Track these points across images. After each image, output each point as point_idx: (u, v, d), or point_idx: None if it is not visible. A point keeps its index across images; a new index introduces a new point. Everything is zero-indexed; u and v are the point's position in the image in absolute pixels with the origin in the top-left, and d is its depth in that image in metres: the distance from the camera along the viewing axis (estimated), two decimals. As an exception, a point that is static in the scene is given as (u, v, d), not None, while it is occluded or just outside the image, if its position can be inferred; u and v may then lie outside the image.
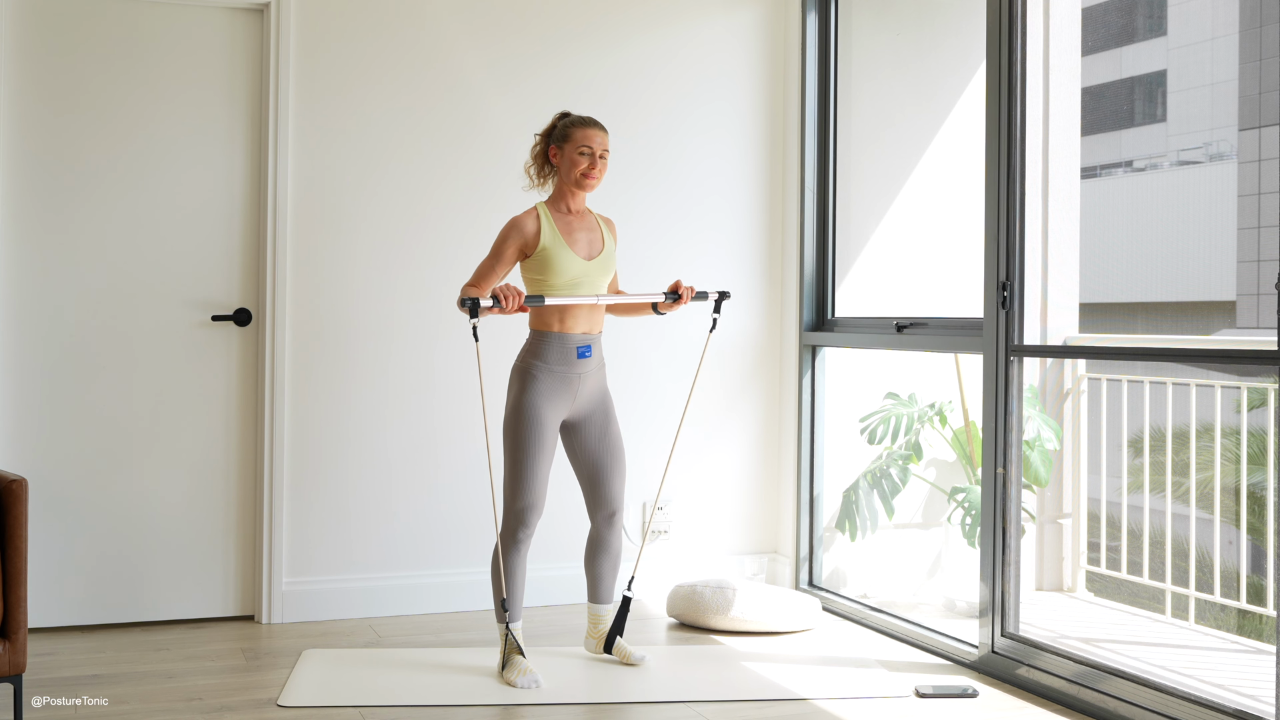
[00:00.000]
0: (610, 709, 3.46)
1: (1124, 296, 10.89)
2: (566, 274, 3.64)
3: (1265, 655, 3.89)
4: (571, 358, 3.67)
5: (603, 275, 3.73)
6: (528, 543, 3.68)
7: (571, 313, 3.67)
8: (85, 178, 4.21)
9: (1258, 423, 5.39)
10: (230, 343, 4.37)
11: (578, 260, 3.66)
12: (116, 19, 4.23)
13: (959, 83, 4.83)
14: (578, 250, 3.68)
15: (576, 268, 3.65)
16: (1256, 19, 10.06)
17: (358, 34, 4.44)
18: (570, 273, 3.64)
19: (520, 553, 3.66)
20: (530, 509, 3.64)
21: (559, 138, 3.73)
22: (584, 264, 3.67)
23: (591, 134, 3.70)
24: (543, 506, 3.68)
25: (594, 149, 3.69)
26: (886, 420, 4.67)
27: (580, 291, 3.68)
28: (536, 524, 3.68)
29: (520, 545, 3.66)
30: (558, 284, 3.64)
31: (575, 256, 3.66)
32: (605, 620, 3.87)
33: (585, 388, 3.72)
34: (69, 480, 4.19)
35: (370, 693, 3.53)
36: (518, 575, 3.66)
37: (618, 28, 4.75)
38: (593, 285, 3.71)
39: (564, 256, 3.64)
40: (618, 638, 3.84)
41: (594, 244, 3.73)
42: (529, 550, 3.73)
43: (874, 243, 4.87)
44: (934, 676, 3.76)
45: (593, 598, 3.88)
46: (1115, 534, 4.70)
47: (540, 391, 3.64)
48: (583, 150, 3.68)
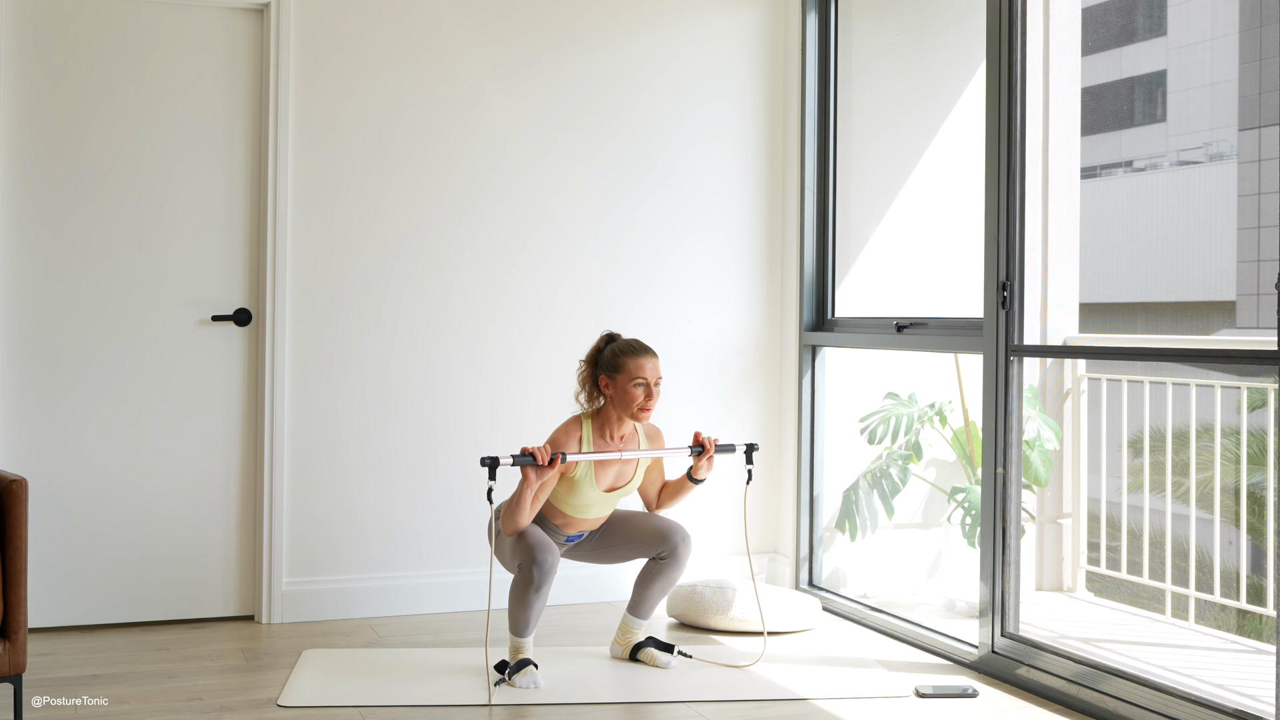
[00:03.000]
0: (610, 709, 3.46)
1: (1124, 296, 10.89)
2: (580, 501, 3.66)
3: (1265, 655, 3.89)
4: (560, 539, 3.75)
5: (616, 500, 3.73)
6: (547, 586, 3.56)
7: (574, 524, 3.71)
8: (85, 178, 4.21)
9: (1258, 423, 5.39)
10: (230, 343, 4.37)
11: (595, 491, 3.66)
12: (116, 19, 4.23)
13: (959, 83, 4.83)
14: (601, 483, 3.67)
15: (591, 496, 3.66)
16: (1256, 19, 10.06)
17: (358, 34, 4.44)
18: (584, 500, 3.66)
19: (540, 595, 3.57)
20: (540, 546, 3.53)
21: (608, 366, 3.64)
22: (599, 494, 3.67)
23: (644, 363, 3.61)
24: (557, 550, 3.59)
25: (648, 380, 3.61)
26: (886, 420, 4.67)
27: (589, 515, 3.69)
28: (552, 562, 3.54)
29: (540, 589, 3.55)
30: (570, 504, 3.66)
31: (595, 489, 3.65)
32: (635, 633, 3.87)
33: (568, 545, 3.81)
34: (69, 480, 4.19)
35: (370, 693, 3.52)
36: (534, 608, 3.61)
37: (618, 27, 4.75)
38: (603, 509, 3.72)
39: (586, 490, 3.64)
40: (648, 645, 3.85)
41: (622, 476, 3.71)
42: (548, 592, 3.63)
43: (874, 243, 4.86)
44: (934, 676, 3.76)
45: (633, 611, 3.86)
46: (1115, 534, 4.70)
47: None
48: (638, 383, 3.60)
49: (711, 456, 3.70)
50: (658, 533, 3.76)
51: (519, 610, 3.60)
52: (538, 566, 3.52)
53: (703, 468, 3.72)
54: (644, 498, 3.88)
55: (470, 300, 4.56)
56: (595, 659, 3.89)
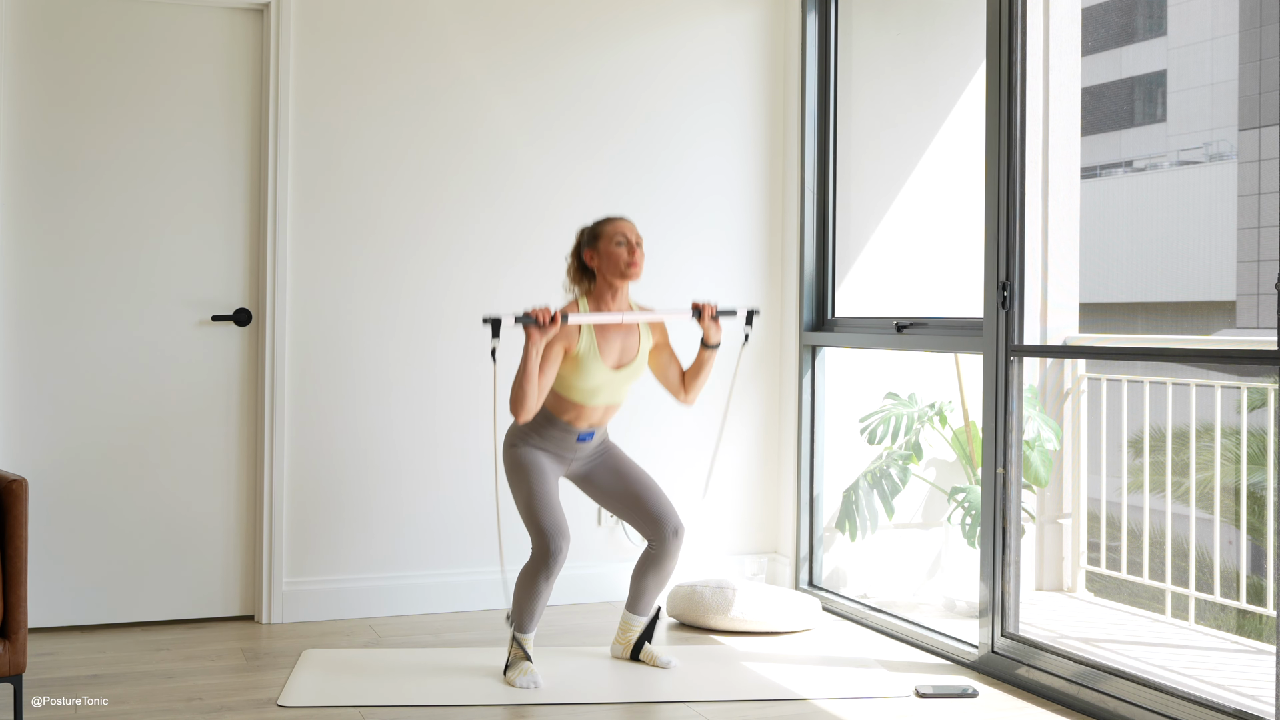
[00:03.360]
0: (610, 709, 3.46)
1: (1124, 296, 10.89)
2: (589, 382, 3.63)
3: (1265, 655, 3.89)
4: (571, 442, 3.71)
5: (627, 382, 3.71)
6: (558, 572, 3.61)
7: (584, 415, 3.67)
8: (85, 177, 4.21)
9: (1258, 423, 5.39)
10: (230, 343, 4.37)
11: (604, 370, 3.64)
12: (116, 19, 4.23)
13: (959, 83, 4.83)
14: (607, 359, 3.65)
15: (601, 377, 3.64)
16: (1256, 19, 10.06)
17: (358, 34, 4.44)
18: (593, 381, 3.63)
19: (549, 581, 3.61)
20: (556, 533, 3.58)
21: (589, 241, 3.69)
22: (609, 373, 3.65)
23: (621, 225, 3.67)
24: (569, 532, 3.63)
25: (629, 237, 3.66)
26: (886, 420, 4.67)
27: (598, 400, 3.66)
28: (567, 549, 3.60)
29: (553, 574, 3.59)
30: (578, 388, 3.63)
31: (603, 366, 3.63)
32: (636, 630, 3.87)
33: (579, 457, 3.76)
34: (69, 480, 4.19)
35: (370, 693, 3.52)
36: (543, 598, 3.63)
37: (618, 28, 4.75)
38: (614, 391, 3.69)
39: (593, 366, 3.62)
40: (646, 644, 3.85)
41: (627, 352, 3.70)
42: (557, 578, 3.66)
43: (874, 243, 4.87)
44: (934, 676, 3.76)
45: (631, 608, 3.86)
46: (1115, 534, 4.70)
47: (535, 447, 3.66)
48: (619, 241, 3.65)
49: (714, 318, 3.71)
50: (654, 517, 3.76)
51: (525, 598, 3.60)
52: (551, 555, 3.55)
53: (712, 330, 3.72)
54: (668, 384, 3.82)
55: (470, 300, 4.56)
56: (595, 659, 3.89)
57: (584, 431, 3.70)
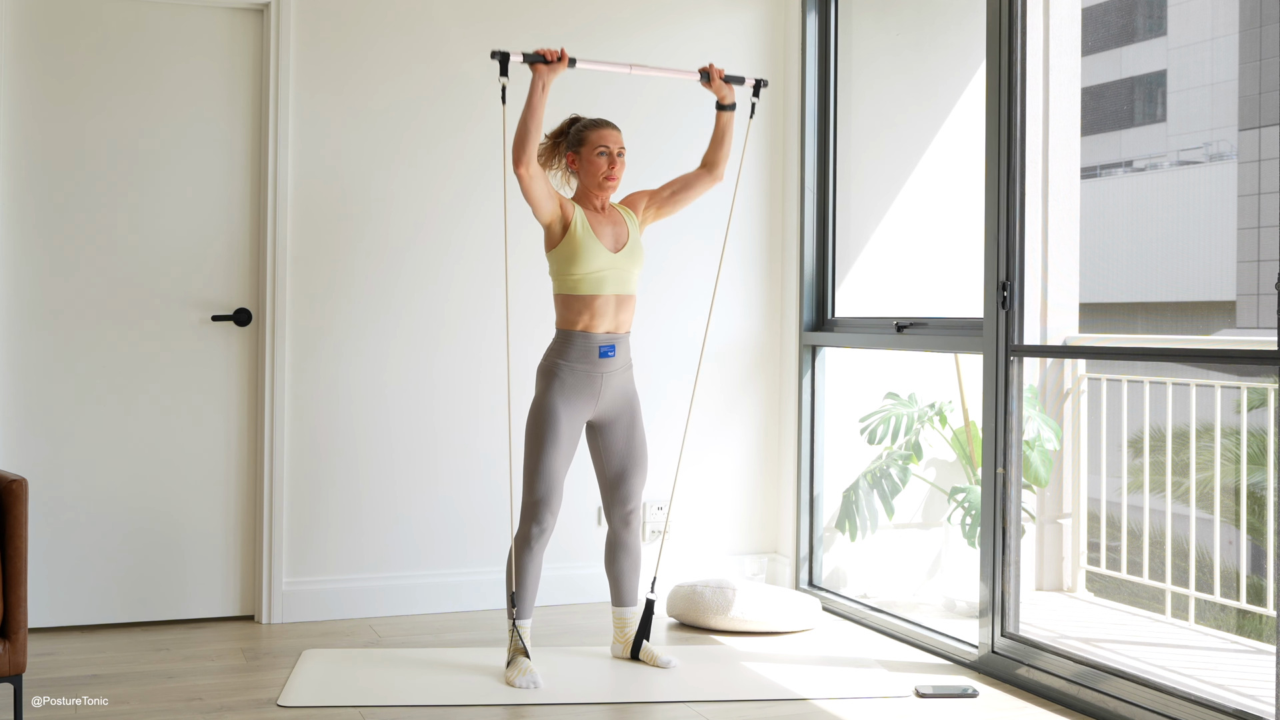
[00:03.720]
0: (610, 709, 3.46)
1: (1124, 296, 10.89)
2: (593, 265, 3.65)
3: (1265, 655, 3.89)
4: (594, 357, 3.68)
5: (631, 265, 3.73)
6: (542, 542, 3.66)
7: (598, 311, 3.66)
8: (85, 177, 4.21)
9: (1258, 423, 5.39)
10: (230, 343, 4.37)
11: (605, 252, 3.67)
12: (116, 19, 4.23)
13: (959, 83, 4.83)
14: (604, 242, 3.69)
15: (603, 259, 3.66)
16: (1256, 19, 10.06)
17: (358, 34, 4.44)
18: (597, 264, 3.65)
19: (534, 552, 3.65)
20: (544, 504, 3.63)
21: (573, 143, 3.76)
22: (611, 256, 3.68)
23: (606, 134, 3.72)
24: (558, 505, 3.66)
25: (610, 148, 3.71)
26: (886, 420, 4.67)
27: (606, 289, 3.68)
28: (552, 523, 3.66)
29: (534, 544, 3.65)
30: (583, 274, 3.65)
31: (602, 248, 3.66)
32: (630, 624, 3.87)
33: (610, 388, 3.72)
34: (69, 480, 4.19)
35: (370, 693, 3.52)
36: (530, 574, 3.65)
37: (618, 27, 4.75)
38: (620, 277, 3.70)
39: (592, 248, 3.65)
40: (644, 641, 3.84)
41: (620, 236, 3.74)
42: (544, 552, 3.70)
43: (874, 243, 4.86)
44: (934, 676, 3.76)
45: (615, 601, 3.87)
46: (1115, 534, 4.70)
47: (562, 390, 3.66)
48: (600, 151, 3.71)
49: (724, 79, 3.82)
50: (619, 496, 3.78)
51: (519, 574, 3.62)
52: (537, 524, 3.61)
53: (724, 92, 3.83)
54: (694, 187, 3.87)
55: (470, 300, 4.56)
56: (595, 659, 3.89)
57: (605, 343, 3.68)
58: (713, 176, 3.88)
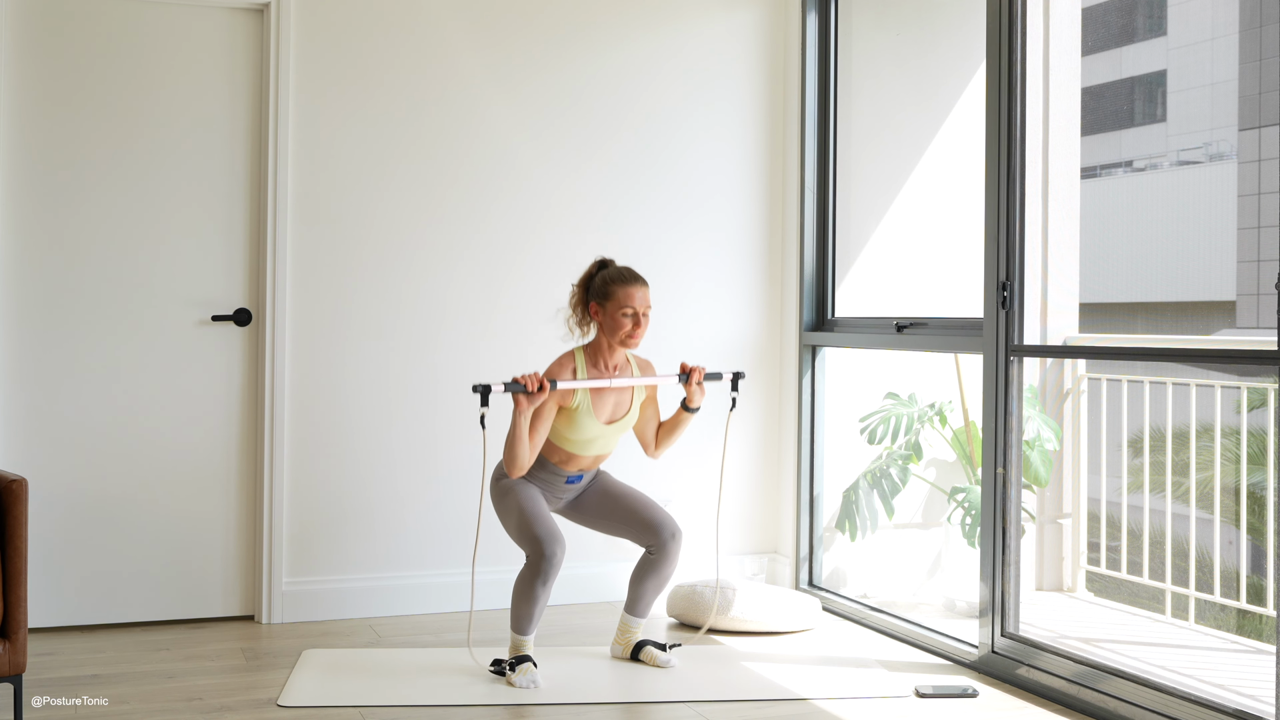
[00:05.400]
0: (610, 709, 3.46)
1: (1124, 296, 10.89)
2: (583, 434, 3.66)
3: (1265, 655, 3.89)
4: (559, 483, 3.74)
5: (620, 433, 3.74)
6: (555, 577, 3.59)
7: (575, 461, 3.71)
8: (85, 177, 4.21)
9: (1258, 423, 5.39)
10: (230, 343, 4.37)
11: (597, 424, 3.66)
12: (116, 19, 4.23)
13: (959, 83, 4.83)
14: (600, 415, 3.68)
15: (594, 430, 3.67)
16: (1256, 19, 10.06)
17: (358, 34, 4.44)
18: (588, 434, 3.66)
19: (546, 587, 3.59)
20: (550, 539, 3.56)
21: (599, 294, 3.68)
22: (602, 427, 3.68)
23: (633, 292, 3.64)
24: (564, 540, 3.61)
25: (637, 309, 3.64)
26: (886, 420, 4.67)
27: (590, 451, 3.70)
28: (563, 555, 3.58)
29: (548, 580, 3.58)
30: (572, 439, 3.66)
31: (596, 421, 3.66)
32: (635, 633, 3.87)
33: (568, 495, 3.80)
34: (69, 480, 4.19)
35: (370, 693, 3.52)
36: (540, 603, 3.62)
37: (618, 28, 4.75)
38: (606, 443, 3.72)
39: (587, 421, 3.65)
40: (646, 645, 3.85)
41: (620, 408, 3.73)
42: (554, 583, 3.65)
43: (874, 243, 4.87)
44: (934, 676, 3.76)
45: (630, 610, 3.86)
46: (1115, 534, 4.70)
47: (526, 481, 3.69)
48: (626, 312, 3.64)
49: (700, 382, 3.71)
50: (650, 524, 3.76)
51: (523, 604, 3.60)
52: (546, 560, 3.54)
53: (695, 395, 3.72)
54: (641, 439, 3.86)
55: (470, 300, 4.56)
56: (595, 659, 3.89)
57: (572, 475, 3.75)
58: (650, 454, 3.87)
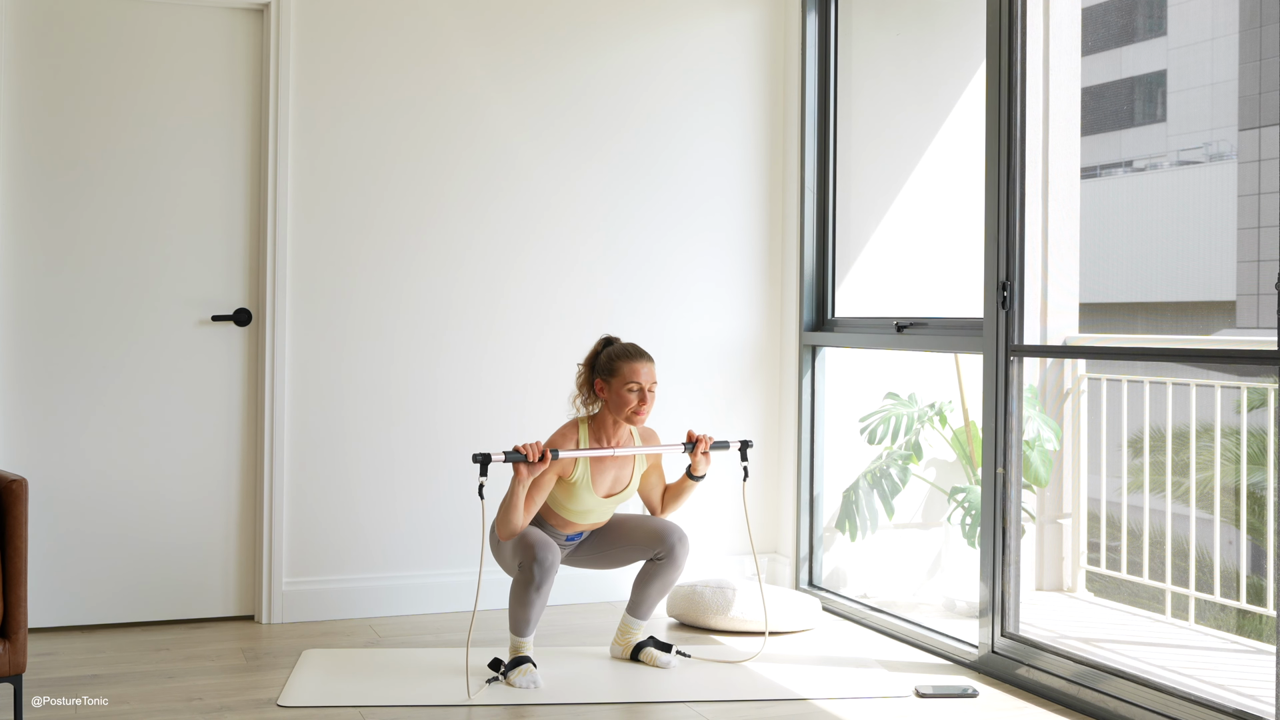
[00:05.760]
0: (610, 709, 3.46)
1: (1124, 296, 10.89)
2: (580, 506, 3.68)
3: (1265, 655, 3.89)
4: (560, 537, 3.76)
5: (617, 505, 3.76)
6: (548, 585, 3.57)
7: (572, 526, 3.72)
8: (85, 177, 4.21)
9: (1258, 423, 5.39)
10: (230, 343, 4.37)
11: (594, 497, 3.68)
12: (116, 19, 4.23)
13: (959, 83, 4.83)
14: (599, 488, 3.69)
15: (591, 503, 3.68)
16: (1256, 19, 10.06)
17: (358, 34, 4.44)
18: (585, 505, 3.68)
19: (540, 594, 3.57)
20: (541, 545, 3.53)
21: (604, 370, 3.67)
22: (599, 500, 3.69)
23: (638, 368, 3.63)
24: (559, 550, 3.60)
25: (643, 384, 3.63)
26: (886, 420, 4.67)
27: (586, 520, 3.72)
28: (555, 562, 3.55)
29: (541, 587, 3.55)
30: (567, 509, 3.68)
31: (594, 495, 3.67)
32: (635, 634, 3.88)
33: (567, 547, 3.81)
34: (69, 480, 4.19)
35: (370, 693, 3.53)
36: (536, 607, 3.61)
37: (618, 28, 4.75)
38: (602, 515, 3.74)
39: (584, 495, 3.66)
40: (647, 645, 3.85)
41: (619, 481, 3.73)
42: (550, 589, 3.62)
43: (874, 243, 4.87)
44: (934, 676, 3.76)
45: (633, 612, 3.87)
46: (1115, 534, 4.70)
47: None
48: (631, 387, 3.63)
49: (706, 452, 3.71)
50: (654, 534, 3.77)
51: (520, 609, 3.59)
52: (539, 565, 3.53)
53: (700, 464, 3.72)
54: (647, 502, 3.88)
55: (471, 300, 4.56)
56: (595, 659, 3.89)
57: (571, 535, 3.77)
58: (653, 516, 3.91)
